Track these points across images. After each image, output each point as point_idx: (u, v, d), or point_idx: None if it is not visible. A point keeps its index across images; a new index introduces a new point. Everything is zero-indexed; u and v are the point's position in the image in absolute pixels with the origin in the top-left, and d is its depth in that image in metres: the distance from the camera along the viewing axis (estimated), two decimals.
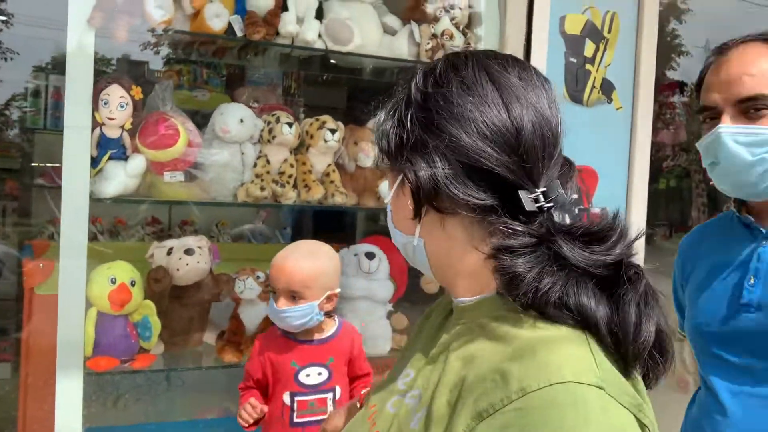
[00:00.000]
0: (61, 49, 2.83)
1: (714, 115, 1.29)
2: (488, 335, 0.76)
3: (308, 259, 1.78)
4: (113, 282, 2.14)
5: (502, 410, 0.67)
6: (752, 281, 1.29)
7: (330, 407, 1.79)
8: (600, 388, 0.67)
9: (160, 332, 2.24)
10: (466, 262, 0.81)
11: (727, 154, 1.25)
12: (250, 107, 2.41)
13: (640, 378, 0.75)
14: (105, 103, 2.10)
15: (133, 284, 2.18)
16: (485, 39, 2.59)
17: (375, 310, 2.46)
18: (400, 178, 0.83)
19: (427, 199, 0.79)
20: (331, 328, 1.87)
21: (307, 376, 1.79)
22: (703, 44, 4.35)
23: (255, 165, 2.33)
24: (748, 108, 1.24)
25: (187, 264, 2.22)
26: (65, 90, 2.04)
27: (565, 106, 2.57)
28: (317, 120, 2.44)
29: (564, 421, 0.64)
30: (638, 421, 0.68)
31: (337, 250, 1.99)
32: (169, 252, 2.25)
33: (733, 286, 1.32)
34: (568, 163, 0.82)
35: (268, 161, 2.34)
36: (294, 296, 1.74)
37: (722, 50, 1.31)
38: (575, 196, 0.81)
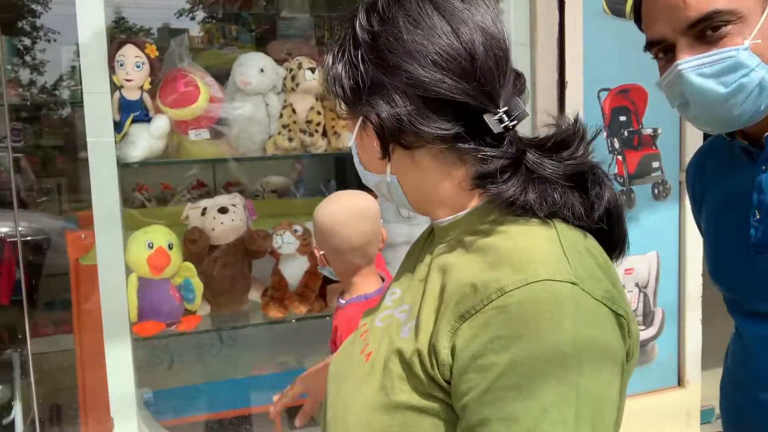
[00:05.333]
0: None
1: (666, 48, 1.05)
2: (466, 248, 0.79)
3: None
4: (150, 246, 2.12)
5: (483, 310, 0.71)
6: (758, 216, 1.08)
7: None
8: (573, 284, 0.70)
9: (203, 293, 2.23)
10: (442, 190, 0.83)
11: (696, 92, 1.02)
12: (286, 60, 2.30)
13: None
14: (121, 65, 2.05)
15: (170, 247, 2.16)
16: None
17: None
18: (360, 121, 0.83)
19: (393, 138, 0.80)
20: None
21: None
22: None
23: (281, 116, 2.25)
24: (704, 30, 0.99)
25: (222, 223, 2.18)
26: (80, 56, 1.99)
27: (605, 20, 2.39)
28: None
29: (541, 314, 0.68)
30: (613, 312, 0.73)
31: (376, 198, 1.89)
32: (204, 212, 2.22)
33: (738, 224, 1.12)
34: (518, 75, 0.83)
35: (294, 110, 2.25)
36: None
37: None
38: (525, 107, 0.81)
